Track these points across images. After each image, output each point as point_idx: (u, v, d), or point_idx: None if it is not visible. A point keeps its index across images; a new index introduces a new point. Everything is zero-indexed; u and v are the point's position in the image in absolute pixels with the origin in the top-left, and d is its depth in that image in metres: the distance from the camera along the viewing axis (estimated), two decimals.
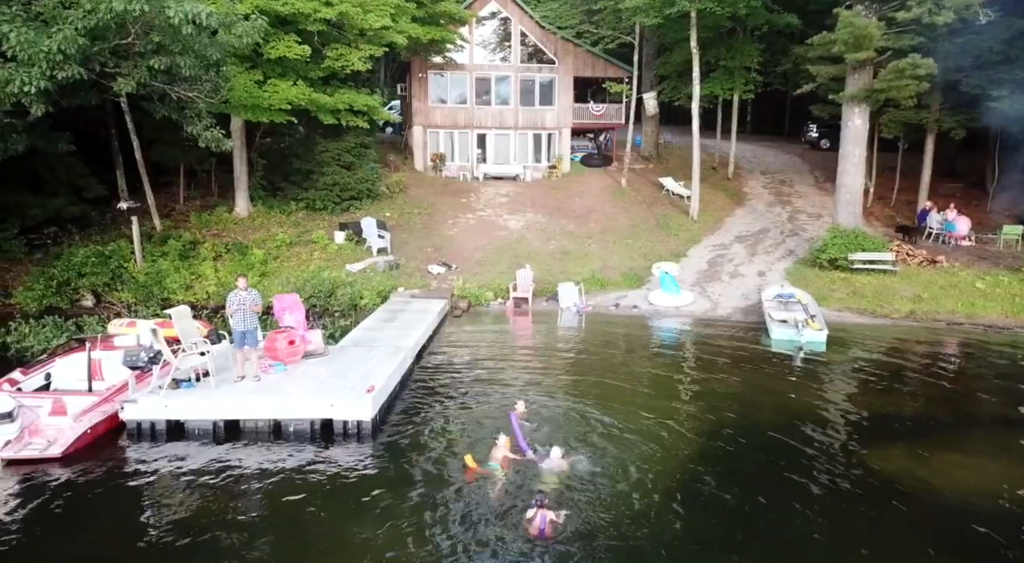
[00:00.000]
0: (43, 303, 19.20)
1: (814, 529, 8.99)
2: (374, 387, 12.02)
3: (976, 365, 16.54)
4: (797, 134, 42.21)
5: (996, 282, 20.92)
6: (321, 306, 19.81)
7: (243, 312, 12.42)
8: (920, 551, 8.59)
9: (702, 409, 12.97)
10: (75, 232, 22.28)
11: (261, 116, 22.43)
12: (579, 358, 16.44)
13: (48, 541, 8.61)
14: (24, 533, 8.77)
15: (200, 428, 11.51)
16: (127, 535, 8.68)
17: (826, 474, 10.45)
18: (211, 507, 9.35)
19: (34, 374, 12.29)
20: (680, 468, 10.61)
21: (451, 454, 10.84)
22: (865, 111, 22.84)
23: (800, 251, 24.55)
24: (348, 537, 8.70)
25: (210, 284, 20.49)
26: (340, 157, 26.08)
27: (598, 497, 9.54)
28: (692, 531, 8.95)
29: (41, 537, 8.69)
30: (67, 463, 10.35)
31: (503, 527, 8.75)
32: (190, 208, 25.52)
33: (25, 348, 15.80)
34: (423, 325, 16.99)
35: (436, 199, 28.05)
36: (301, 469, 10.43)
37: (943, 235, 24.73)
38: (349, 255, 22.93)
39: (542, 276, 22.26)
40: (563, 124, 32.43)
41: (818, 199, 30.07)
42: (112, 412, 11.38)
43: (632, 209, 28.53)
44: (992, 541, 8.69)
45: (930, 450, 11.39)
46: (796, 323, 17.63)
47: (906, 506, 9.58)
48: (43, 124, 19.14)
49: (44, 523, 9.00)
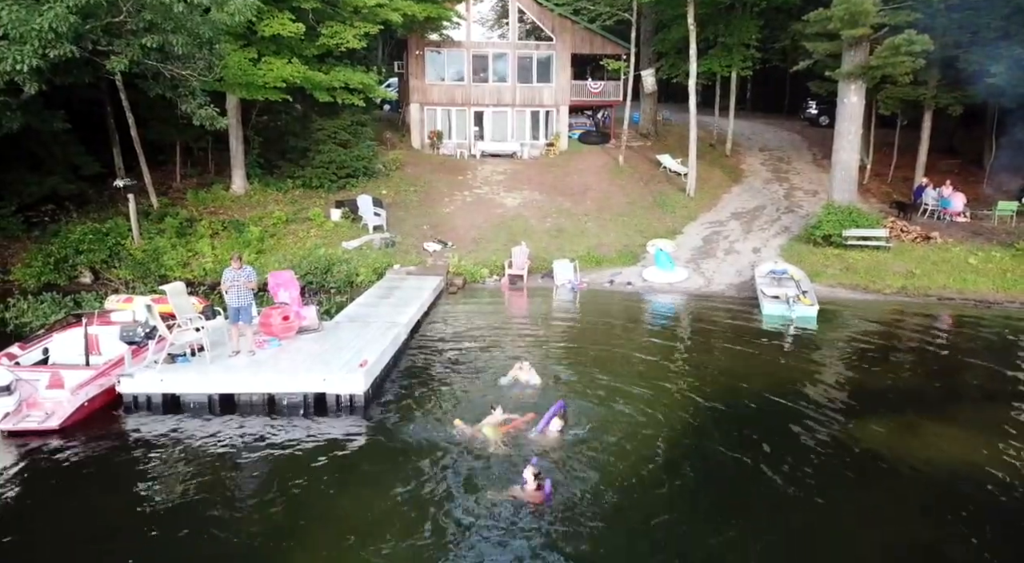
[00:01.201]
0: (41, 280, 19.38)
1: (802, 496, 9.20)
2: (367, 362, 12.21)
3: (965, 339, 16.70)
4: (796, 111, 42.06)
5: (988, 258, 21.00)
6: (317, 283, 19.97)
7: (238, 288, 12.61)
8: (903, 518, 8.80)
9: (692, 382, 13.15)
10: (73, 210, 22.38)
11: (256, 94, 22.43)
12: (572, 333, 16.62)
13: (47, 510, 8.84)
14: (23, 502, 9.02)
15: (195, 402, 11.72)
16: (124, 504, 8.91)
17: (813, 444, 10.65)
18: (206, 478, 9.57)
19: (32, 349, 12.49)
20: (670, 438, 10.80)
21: (443, 426, 11.03)
22: (861, 88, 22.76)
23: (795, 228, 24.62)
24: (340, 506, 8.93)
25: (207, 261, 20.65)
26: (336, 135, 26.09)
27: (591, 466, 9.74)
28: (682, 499, 9.17)
29: (40, 506, 8.93)
30: (65, 435, 10.58)
31: (494, 495, 8.95)
32: (187, 186, 25.60)
33: (24, 324, 15.99)
34: (418, 302, 17.15)
35: (433, 177, 28.09)
36: (295, 441, 10.64)
37: (938, 211, 24.76)
38: (345, 233, 23.05)
39: (538, 253, 22.38)
40: (561, 101, 32.33)
41: (815, 176, 30.07)
42: (109, 386, 11.58)
43: (629, 186, 28.55)
44: (971, 509, 8.89)
45: (916, 422, 11.58)
46: (788, 299, 17.77)
47: (891, 476, 9.78)
48: (37, 102, 19.19)
49: (43, 492, 9.24)
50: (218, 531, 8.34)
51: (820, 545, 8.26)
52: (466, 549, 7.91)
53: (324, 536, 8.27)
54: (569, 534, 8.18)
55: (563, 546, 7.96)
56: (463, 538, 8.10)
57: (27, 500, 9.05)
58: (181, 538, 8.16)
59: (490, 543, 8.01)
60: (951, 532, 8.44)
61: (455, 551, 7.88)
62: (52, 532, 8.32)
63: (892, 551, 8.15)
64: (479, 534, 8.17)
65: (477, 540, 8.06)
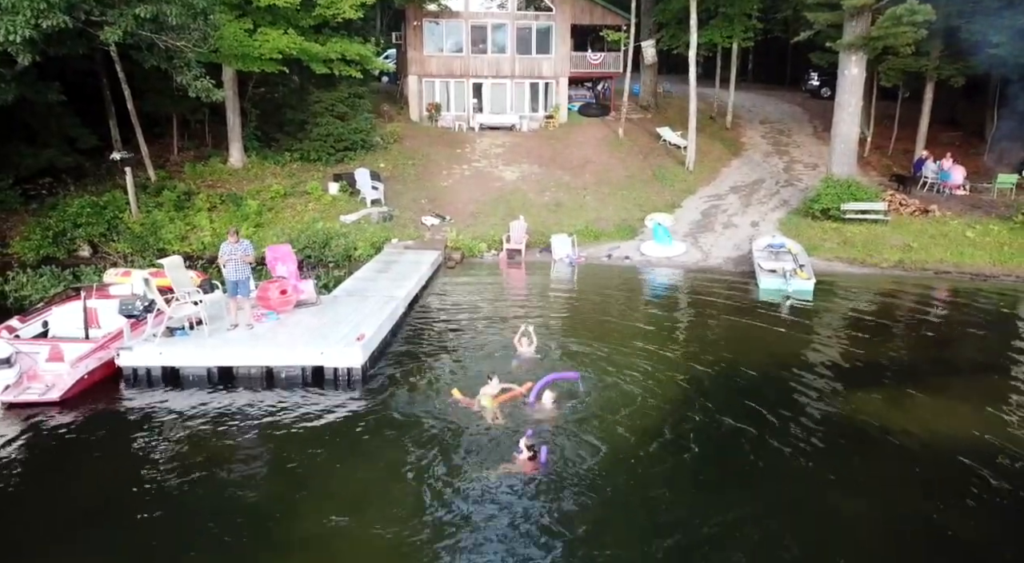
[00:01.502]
0: (40, 253, 19.42)
1: (795, 467, 9.36)
2: (364, 336, 12.30)
3: (959, 313, 16.78)
4: (798, 83, 41.68)
5: (986, 231, 21.00)
6: (315, 257, 20.01)
7: (235, 262, 12.65)
8: (889, 487, 8.96)
9: (688, 355, 13.27)
10: (70, 183, 22.34)
11: (252, 66, 22.24)
12: (569, 307, 16.72)
13: (46, 480, 8.99)
14: (24, 472, 9.17)
15: (194, 374, 11.83)
16: (123, 475, 9.06)
17: (807, 416, 10.78)
18: (204, 449, 9.70)
19: (32, 322, 12.58)
20: (664, 410, 10.93)
21: (439, 399, 11.17)
22: (862, 59, 22.53)
23: (794, 202, 24.56)
24: (336, 477, 9.08)
25: (205, 235, 20.67)
26: (333, 107, 25.91)
27: (586, 436, 9.88)
28: (675, 469, 9.33)
29: (40, 476, 9.08)
30: (65, 407, 10.71)
31: (490, 465, 9.10)
32: (184, 159, 25.49)
33: (23, 297, 16.08)
34: (415, 276, 17.21)
35: (431, 150, 27.95)
36: (292, 414, 10.77)
37: (938, 184, 24.68)
38: (343, 206, 23.02)
39: (536, 228, 22.36)
40: (560, 73, 32.02)
41: (816, 149, 29.90)
42: (108, 359, 11.69)
43: (628, 160, 28.42)
44: (956, 478, 9.06)
45: (908, 394, 11.69)
46: (784, 272, 17.82)
47: (880, 446, 9.93)
48: (31, 74, 19.04)
49: (43, 463, 9.40)
50: (215, 501, 8.50)
51: (809, 515, 8.40)
52: (460, 518, 8.06)
53: (320, 506, 8.41)
54: (562, 504, 8.33)
55: (557, 516, 8.11)
56: (458, 508, 8.25)
57: (27, 470, 9.20)
58: (178, 508, 8.32)
59: (484, 512, 8.17)
60: (943, 502, 8.59)
61: (450, 520, 8.03)
62: (51, 502, 8.48)
63: (882, 521, 8.29)
64: (474, 503, 8.32)
65: (471, 510, 8.21)
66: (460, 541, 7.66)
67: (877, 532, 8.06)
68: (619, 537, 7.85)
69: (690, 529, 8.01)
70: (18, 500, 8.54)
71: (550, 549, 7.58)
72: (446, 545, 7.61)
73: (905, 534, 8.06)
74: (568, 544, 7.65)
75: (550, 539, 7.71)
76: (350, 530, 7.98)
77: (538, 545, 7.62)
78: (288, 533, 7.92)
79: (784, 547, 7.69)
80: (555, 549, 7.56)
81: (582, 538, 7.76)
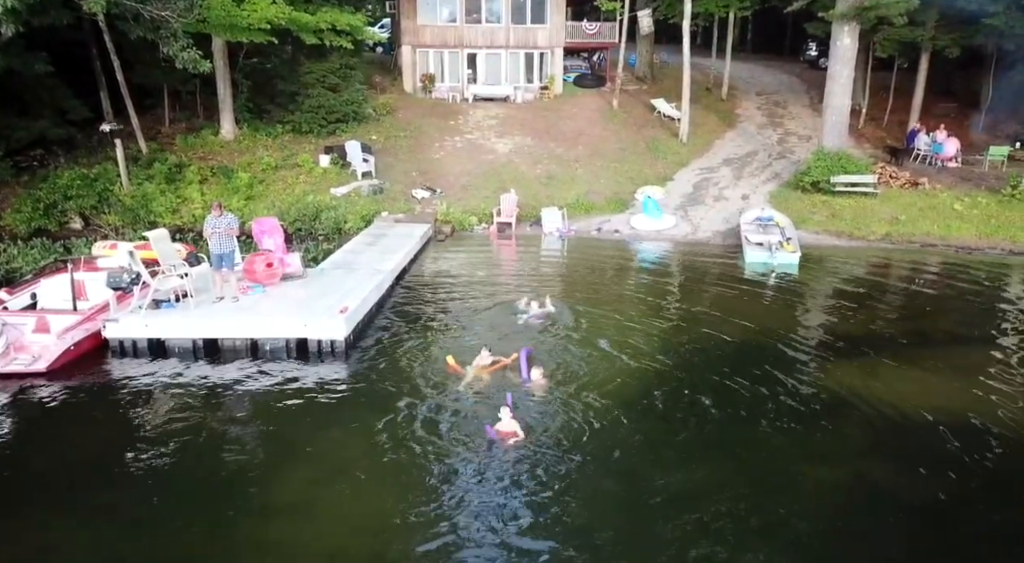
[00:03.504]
0: (32, 225, 19.50)
1: (764, 434, 9.59)
2: (347, 308, 12.46)
3: (942, 285, 16.90)
4: (798, 53, 41.20)
5: (974, 203, 21.03)
6: (305, 230, 20.11)
7: (219, 236, 12.77)
8: (856, 455, 9.20)
9: (669, 326, 13.47)
10: (61, 155, 22.35)
11: (240, 36, 22.06)
12: (558, 280, 16.86)
13: (33, 449, 9.24)
14: (10, 441, 9.42)
15: (180, 346, 12.03)
16: (108, 443, 9.30)
17: (780, 385, 10.99)
18: (188, 419, 9.93)
19: (19, 294, 12.75)
20: (644, 378, 11.15)
21: (423, 370, 11.36)
22: (855, 29, 22.33)
23: (786, 174, 24.53)
24: (317, 445, 9.30)
25: (196, 207, 20.72)
26: (325, 79, 25.76)
27: (569, 404, 10.10)
28: (650, 436, 9.54)
29: (26, 445, 9.34)
30: (52, 377, 10.92)
31: (470, 432, 9.35)
32: (175, 131, 25.43)
33: (14, 269, 16.24)
34: (404, 249, 17.32)
35: (424, 122, 27.85)
36: (276, 384, 10.99)
37: (930, 157, 24.62)
38: (334, 179, 23.04)
39: (527, 201, 22.40)
40: (555, 43, 31.71)
41: (811, 121, 29.70)
42: (95, 330, 11.88)
43: (622, 132, 28.31)
44: (924, 447, 9.30)
45: (882, 365, 11.87)
46: (770, 246, 17.92)
47: (851, 415, 10.13)
48: (18, 45, 18.95)
49: (29, 432, 9.65)
50: (199, 468, 8.74)
51: (777, 483, 8.59)
52: (440, 484, 8.28)
53: (300, 472, 8.66)
54: (538, 469, 8.55)
55: (534, 482, 8.33)
56: (437, 473, 8.48)
57: (13, 440, 9.45)
58: (163, 475, 8.56)
59: (464, 478, 8.40)
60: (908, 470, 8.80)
61: (428, 485, 8.26)
62: (37, 471, 8.71)
63: (845, 488, 8.52)
64: (454, 469, 8.56)
65: (452, 475, 8.45)
66: (440, 506, 7.88)
67: (840, 499, 8.30)
68: (590, 502, 8.07)
69: (658, 496, 8.23)
70: (3, 468, 8.78)
71: (527, 511, 7.82)
72: (427, 510, 7.83)
73: (867, 499, 8.27)
74: (542, 507, 7.88)
75: (527, 503, 7.93)
76: (332, 496, 8.21)
77: (516, 510, 7.84)
78: (271, 498, 8.16)
79: (748, 512, 7.90)
80: (529, 513, 7.79)
81: (555, 501, 7.99)
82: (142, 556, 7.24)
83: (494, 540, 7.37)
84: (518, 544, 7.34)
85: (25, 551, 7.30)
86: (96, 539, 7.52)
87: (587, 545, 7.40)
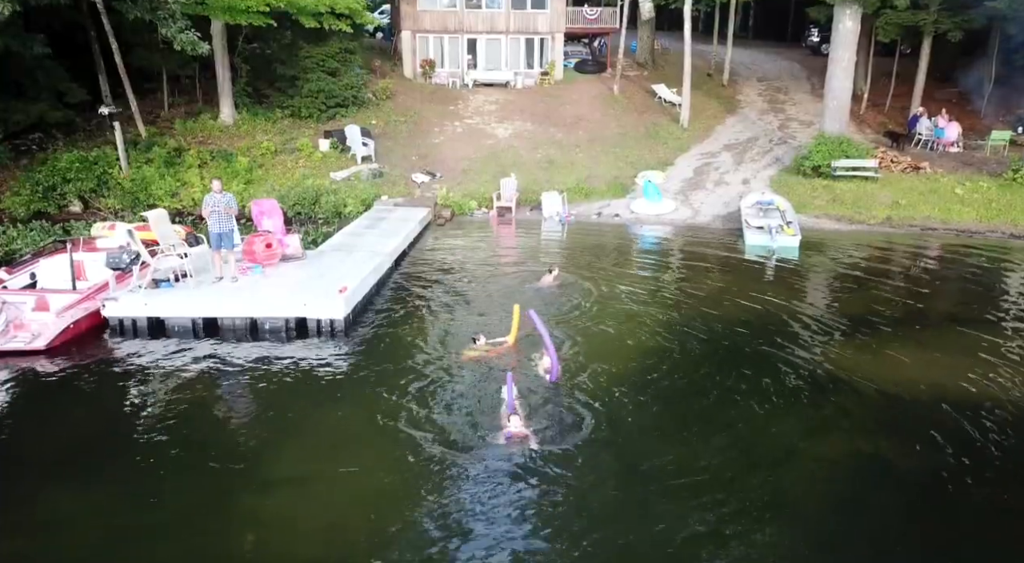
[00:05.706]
0: (31, 208, 19.44)
1: (762, 412, 9.58)
2: (346, 288, 12.45)
3: (941, 269, 16.87)
4: (799, 40, 41.02)
5: (975, 188, 20.96)
6: (305, 214, 20.07)
7: (218, 215, 12.72)
8: (853, 431, 9.22)
9: (668, 308, 13.46)
10: (60, 138, 22.28)
11: (239, 18, 21.93)
12: (558, 264, 16.74)
13: (33, 425, 9.26)
14: (11, 418, 9.44)
15: (179, 325, 12.03)
16: (107, 421, 9.34)
17: (778, 365, 10.99)
18: (187, 397, 9.95)
19: (19, 273, 12.75)
20: (645, 359, 11.17)
21: (421, 349, 11.37)
22: (857, 13, 22.18)
23: (787, 159, 24.42)
24: (315, 423, 9.33)
25: (195, 191, 20.64)
26: (324, 63, 25.63)
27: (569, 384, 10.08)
28: (651, 415, 9.56)
29: (25, 422, 9.35)
30: (52, 355, 10.95)
31: (468, 411, 9.37)
32: (175, 115, 25.33)
33: (14, 251, 16.22)
34: (403, 232, 17.30)
35: (423, 107, 27.74)
36: (275, 363, 10.99)
37: (932, 141, 24.52)
38: (333, 163, 22.97)
39: (527, 185, 22.33)
40: (556, 29, 31.54)
41: (812, 107, 29.56)
42: (94, 309, 11.88)
43: (623, 117, 28.21)
44: (925, 423, 9.30)
45: (883, 345, 11.86)
46: (771, 229, 17.87)
47: (848, 393, 10.15)
48: (15, 26, 18.83)
49: (28, 409, 9.67)
50: (198, 444, 8.76)
51: (775, 458, 8.62)
52: (436, 463, 8.28)
53: (299, 448, 8.70)
54: (536, 444, 8.53)
55: (532, 456, 8.33)
56: (434, 449, 8.49)
57: (13, 417, 9.47)
58: (162, 451, 8.58)
59: (461, 453, 8.41)
60: (903, 445, 8.82)
61: (425, 460, 8.29)
62: (37, 447, 8.74)
63: (842, 463, 8.53)
64: (450, 444, 8.57)
65: (448, 450, 8.46)
66: (436, 484, 7.89)
67: (841, 474, 8.32)
68: (590, 481, 8.07)
69: (660, 472, 8.24)
70: (4, 445, 8.79)
71: (525, 484, 7.85)
72: (423, 484, 7.85)
73: (868, 475, 8.29)
74: (538, 486, 7.89)
75: (521, 482, 7.93)
76: (330, 471, 8.23)
77: (515, 483, 7.87)
78: (270, 474, 8.21)
79: (752, 488, 7.92)
80: (526, 490, 7.80)
81: (552, 479, 7.99)
82: (142, 529, 7.25)
83: (491, 514, 7.38)
84: (515, 516, 7.36)
85: (26, 524, 7.32)
86: (96, 512, 7.55)
87: (588, 519, 7.42)
